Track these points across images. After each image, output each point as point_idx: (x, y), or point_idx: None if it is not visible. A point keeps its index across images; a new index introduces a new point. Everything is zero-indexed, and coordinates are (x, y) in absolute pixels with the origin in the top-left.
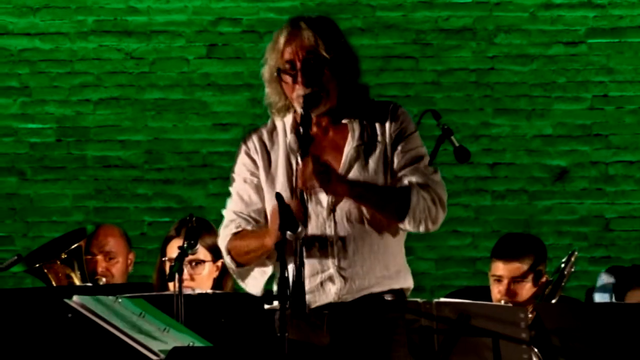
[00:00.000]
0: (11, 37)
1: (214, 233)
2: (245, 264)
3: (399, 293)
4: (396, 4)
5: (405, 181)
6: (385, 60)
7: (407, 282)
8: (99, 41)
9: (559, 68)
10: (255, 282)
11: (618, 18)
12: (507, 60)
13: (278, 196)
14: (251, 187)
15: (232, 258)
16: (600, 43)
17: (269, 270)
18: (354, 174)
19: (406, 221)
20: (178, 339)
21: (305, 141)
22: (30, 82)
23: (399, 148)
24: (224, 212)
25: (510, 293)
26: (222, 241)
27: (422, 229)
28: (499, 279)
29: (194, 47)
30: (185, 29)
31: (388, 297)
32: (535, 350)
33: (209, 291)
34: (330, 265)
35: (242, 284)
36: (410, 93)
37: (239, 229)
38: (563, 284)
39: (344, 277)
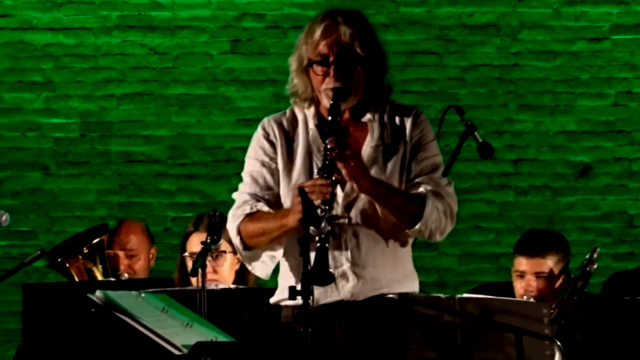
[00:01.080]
0: (35, 32)
1: None
2: (253, 247)
3: (404, 296)
4: (420, 0)
5: (420, 189)
6: (409, 56)
7: (414, 287)
8: (122, 36)
9: (582, 64)
10: (263, 265)
11: None
12: (531, 56)
13: (301, 191)
14: (268, 171)
15: (242, 240)
16: (624, 39)
17: (278, 254)
18: (371, 173)
19: (417, 228)
20: (201, 334)
21: (338, 128)
22: (54, 77)
23: (417, 155)
24: (235, 194)
25: (533, 289)
26: (233, 222)
27: (429, 238)
28: (522, 275)
29: (217, 42)
30: (209, 24)
31: (395, 298)
32: (558, 345)
33: (232, 286)
34: (344, 262)
35: (249, 267)
36: (434, 89)
37: (254, 210)
38: (586, 280)
39: (357, 275)
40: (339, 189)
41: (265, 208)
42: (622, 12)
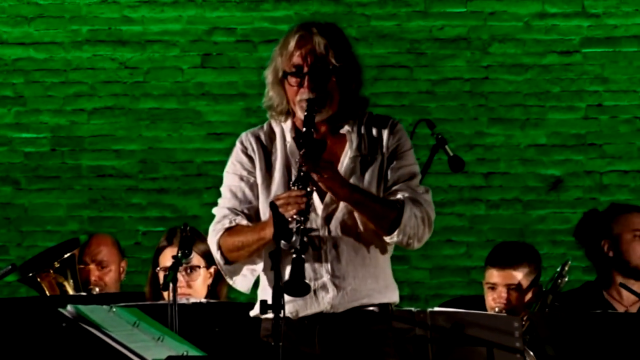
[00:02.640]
0: (5, 47)
1: (206, 240)
2: (234, 261)
3: (385, 307)
4: (391, 13)
5: (398, 195)
6: (379, 69)
7: (394, 297)
8: (93, 50)
9: (553, 77)
10: (244, 280)
11: (612, 27)
12: (502, 69)
13: (272, 205)
14: (247, 185)
15: (222, 254)
16: (594, 52)
17: (258, 268)
18: None
19: (395, 234)
20: (172, 348)
21: (311, 139)
22: (25, 92)
23: (394, 163)
24: (215, 209)
25: (504, 300)
26: (214, 236)
27: (407, 244)
28: (493, 287)
29: (188, 56)
30: (180, 39)
31: (375, 309)
32: (531, 355)
33: (203, 300)
34: (324, 274)
35: (230, 282)
36: (404, 102)
37: (232, 225)
38: (556, 293)
39: (337, 287)
40: (317, 200)
41: (244, 222)
42: (592, 25)
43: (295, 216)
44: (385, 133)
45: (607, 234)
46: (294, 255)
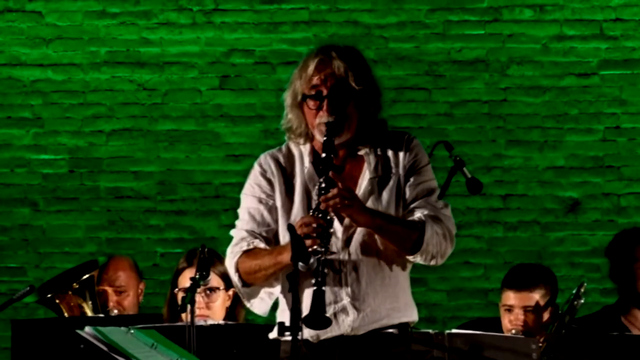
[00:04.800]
0: (24, 68)
1: (224, 262)
2: (251, 284)
3: (404, 327)
4: (409, 35)
5: (418, 214)
6: (398, 91)
7: (413, 316)
8: (111, 72)
9: (571, 100)
10: (262, 303)
11: (630, 50)
12: (520, 91)
13: (290, 228)
14: (265, 208)
15: (240, 277)
16: (612, 75)
17: (276, 291)
18: (368, 205)
19: (417, 254)
20: None
21: (330, 165)
22: (43, 113)
23: (412, 180)
24: (233, 231)
25: (520, 322)
26: (231, 259)
27: (431, 262)
28: (509, 309)
29: (206, 78)
30: (198, 60)
31: (395, 332)
32: None
33: (221, 322)
34: (344, 297)
35: (247, 304)
36: (422, 124)
37: (250, 247)
38: (573, 315)
39: (357, 309)
40: (337, 223)
41: (262, 245)
42: (610, 47)
43: (315, 247)
44: (401, 150)
45: (632, 257)
46: (314, 288)
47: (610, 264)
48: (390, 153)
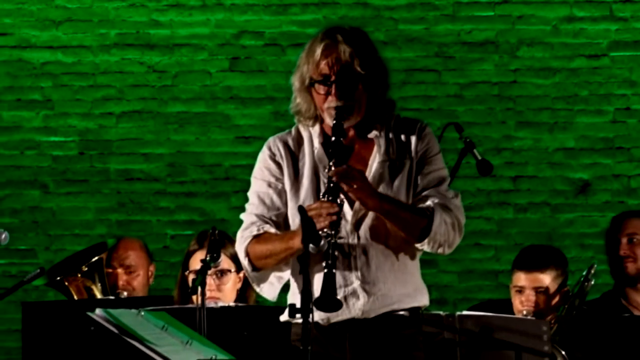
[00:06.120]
0: (34, 50)
1: (235, 244)
2: (261, 268)
3: (415, 311)
4: (419, 17)
5: (428, 202)
6: (407, 73)
7: (424, 300)
8: (121, 54)
9: (581, 81)
10: (271, 287)
11: None
12: (530, 73)
13: (300, 209)
14: (275, 192)
15: (250, 261)
16: (622, 56)
17: (285, 275)
18: (379, 189)
19: (425, 242)
20: (200, 352)
21: (340, 148)
22: (53, 95)
23: (423, 169)
24: (243, 215)
25: (531, 303)
26: (241, 243)
27: (438, 250)
28: (520, 290)
29: (216, 60)
30: (208, 42)
31: (405, 314)
32: (563, 355)
33: (232, 304)
34: (354, 280)
35: (257, 289)
36: (432, 106)
37: (261, 232)
38: (583, 297)
39: (367, 293)
40: (347, 207)
41: (272, 229)
42: (620, 28)
43: (326, 230)
44: (413, 137)
45: (616, 240)
46: (325, 270)
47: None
48: (402, 139)
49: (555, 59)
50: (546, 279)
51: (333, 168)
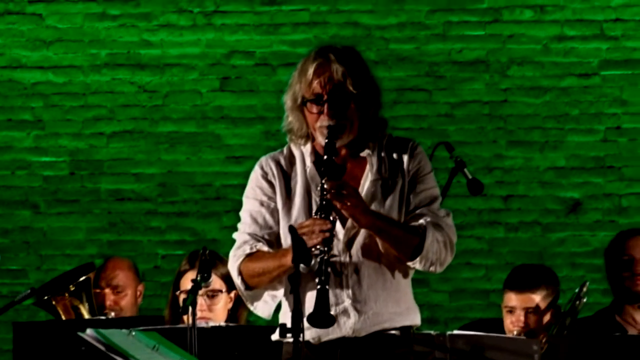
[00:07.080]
0: (24, 71)
1: (226, 264)
2: (254, 287)
3: (406, 330)
4: (409, 36)
5: (420, 220)
6: (398, 92)
7: (416, 320)
8: (112, 74)
9: (572, 100)
10: (265, 305)
11: (631, 50)
12: (520, 92)
13: (291, 229)
14: (267, 211)
15: (243, 280)
16: (613, 75)
17: (279, 294)
18: (371, 208)
19: (417, 261)
20: None
21: (333, 167)
22: (44, 115)
23: (415, 187)
24: (235, 234)
25: (522, 324)
26: (234, 262)
27: (430, 269)
28: (511, 310)
29: (207, 80)
30: (199, 62)
31: (396, 333)
32: None
33: (222, 324)
34: (345, 299)
35: (251, 307)
36: (423, 125)
37: (254, 250)
38: (574, 315)
39: (358, 311)
40: (339, 225)
41: (265, 248)
42: (611, 47)
43: (319, 246)
44: (405, 156)
45: (621, 254)
46: (318, 287)
47: (605, 263)
48: (394, 158)
49: (546, 78)
50: (537, 298)
51: (325, 187)
